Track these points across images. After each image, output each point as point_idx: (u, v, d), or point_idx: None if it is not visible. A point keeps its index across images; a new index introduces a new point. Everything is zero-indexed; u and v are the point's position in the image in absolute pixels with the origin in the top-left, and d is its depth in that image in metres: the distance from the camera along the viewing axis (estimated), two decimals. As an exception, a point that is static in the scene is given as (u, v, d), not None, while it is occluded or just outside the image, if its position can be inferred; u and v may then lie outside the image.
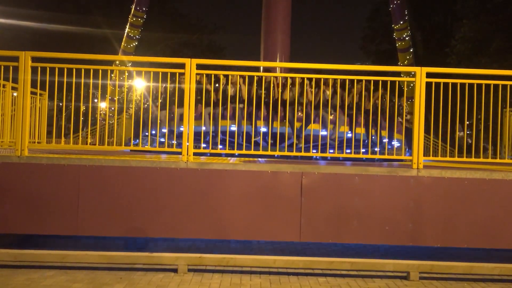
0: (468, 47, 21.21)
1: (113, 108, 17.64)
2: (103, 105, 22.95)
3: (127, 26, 22.87)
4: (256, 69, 9.26)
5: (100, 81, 5.16)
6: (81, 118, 5.39)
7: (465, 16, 22.40)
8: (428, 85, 5.00)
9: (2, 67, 5.06)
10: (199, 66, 5.01)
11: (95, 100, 23.61)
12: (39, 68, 5.00)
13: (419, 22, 26.18)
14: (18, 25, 23.99)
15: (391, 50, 26.79)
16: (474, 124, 5.25)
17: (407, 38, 22.31)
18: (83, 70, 5.00)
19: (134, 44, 23.14)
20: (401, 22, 22.12)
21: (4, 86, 6.86)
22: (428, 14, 26.83)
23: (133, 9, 22.52)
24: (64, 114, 5.07)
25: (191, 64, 4.91)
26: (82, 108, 5.38)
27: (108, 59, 5.34)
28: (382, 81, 5.31)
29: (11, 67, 5.00)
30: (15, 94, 6.78)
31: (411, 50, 22.67)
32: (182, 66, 4.95)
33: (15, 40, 24.01)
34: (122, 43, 23.13)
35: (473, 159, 5.25)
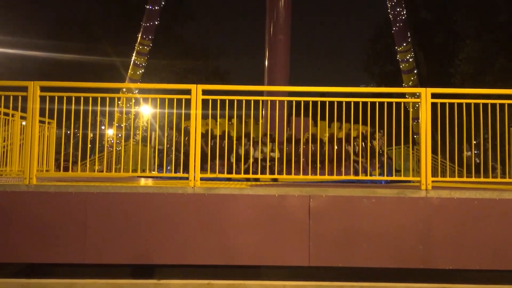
0: (472, 66, 21.30)
1: (120, 135, 17.78)
2: (110, 132, 23.16)
3: (134, 54, 23.26)
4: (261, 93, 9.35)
5: (107, 108, 5.23)
6: (89, 146, 5.44)
7: (467, 36, 22.58)
8: (434, 105, 5.01)
9: (11, 97, 5.15)
10: (205, 92, 5.07)
11: (103, 127, 23.83)
12: (47, 98, 5.07)
13: (422, 43, 26.39)
14: (25, 55, 24.47)
15: (395, 71, 26.94)
16: (482, 143, 5.22)
17: (410, 60, 22.45)
18: (90, 98, 5.08)
19: (140, 71, 23.48)
20: (404, 44, 22.30)
21: (13, 115, 6.97)
22: (430, 35, 27.06)
23: (139, 37, 22.95)
24: (72, 142, 5.14)
25: (197, 90, 4.97)
26: (90, 135, 5.43)
27: (115, 87, 5.42)
28: (387, 102, 5.33)
29: (20, 97, 5.08)
30: (23, 123, 6.88)
31: (415, 71, 22.78)
32: (188, 92, 5.01)
33: (22, 69, 24.47)
34: (129, 71, 23.48)
35: (482, 179, 5.21)
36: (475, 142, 5.46)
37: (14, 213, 4.74)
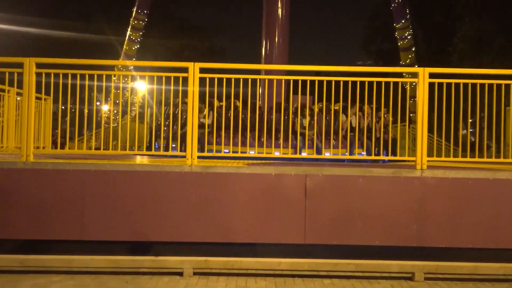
0: (470, 45, 21.20)
1: (116, 111, 17.68)
2: (105, 107, 23.03)
3: (129, 29, 22.95)
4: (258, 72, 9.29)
5: (104, 84, 5.19)
6: (85, 122, 5.43)
7: (466, 15, 22.38)
8: (431, 84, 5.00)
9: (7, 73, 5.10)
10: (202, 70, 5.04)
11: (98, 103, 23.68)
12: (43, 74, 5.03)
13: (421, 21, 26.15)
14: (19, 31, 24.11)
15: (392, 49, 26.75)
16: (478, 122, 5.25)
17: (408, 37, 22.28)
18: (87, 75, 5.04)
19: (136, 47, 23.21)
20: (403, 21, 22.09)
21: (8, 91, 6.90)
22: (429, 13, 26.80)
23: (134, 11, 22.61)
24: (68, 118, 5.09)
25: (194, 68, 4.93)
26: (86, 111, 5.41)
27: (112, 64, 5.37)
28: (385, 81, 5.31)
29: (15, 73, 5.02)
30: (18, 98, 6.82)
31: (413, 49, 22.64)
32: (185, 70, 4.97)
33: (16, 46, 24.12)
34: (124, 46, 23.20)
35: (476, 159, 5.25)
36: (471, 120, 5.48)
37: (12, 190, 4.76)
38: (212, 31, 36.64)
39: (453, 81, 5.04)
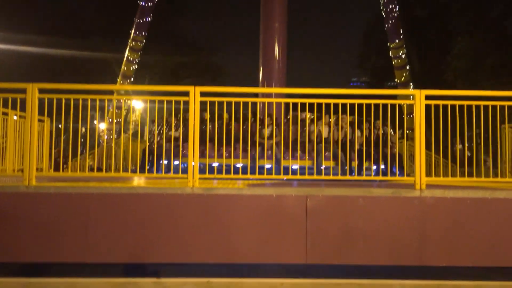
0: (464, 63, 21.49)
1: (115, 130, 17.67)
2: (102, 126, 23.09)
3: (127, 50, 23.18)
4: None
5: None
6: (81, 141, 5.49)
7: (459, 33, 22.75)
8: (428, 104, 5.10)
9: (10, 98, 5.18)
10: (203, 94, 5.13)
11: (95, 122, 23.77)
12: (46, 99, 5.10)
13: (415, 40, 26.55)
14: (17, 50, 24.26)
15: (387, 66, 27.08)
16: (474, 139, 5.35)
17: (403, 56, 22.60)
18: (89, 100, 5.12)
19: (133, 67, 23.42)
20: (397, 41, 22.46)
21: (8, 114, 6.95)
22: (423, 32, 27.23)
23: (132, 33, 22.87)
24: (71, 139, 5.15)
25: (195, 91, 5.02)
26: (85, 131, 5.48)
27: (113, 89, 5.46)
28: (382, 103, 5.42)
29: (18, 99, 5.10)
30: (15, 117, 6.87)
31: (408, 68, 22.95)
32: (186, 93, 5.06)
33: (14, 64, 24.26)
34: (122, 67, 23.40)
35: (475, 179, 5.33)
36: (468, 134, 5.58)
37: (15, 213, 4.78)
38: (210, 49, 36.83)
39: (449, 102, 5.15)
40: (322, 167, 6.53)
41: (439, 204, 4.89)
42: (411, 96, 5.19)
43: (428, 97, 5.11)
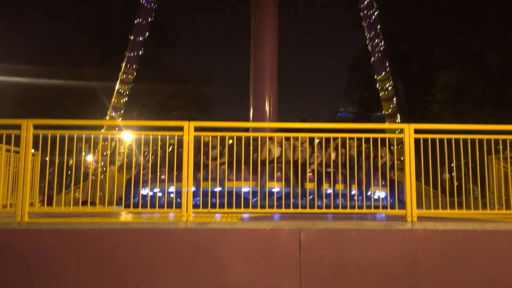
0: (448, 95, 22.02)
1: (103, 163, 17.62)
2: (89, 158, 22.97)
3: (117, 83, 23.36)
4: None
5: (100, 145, 5.29)
6: (68, 173, 5.50)
7: (443, 65, 23.41)
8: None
9: (4, 136, 5.20)
10: (197, 128, 5.21)
11: (85, 155, 23.62)
12: (40, 134, 5.14)
13: (400, 72, 27.23)
14: (7, 81, 24.28)
15: (374, 97, 27.60)
16: (462, 168, 5.45)
17: (389, 88, 23.13)
18: (84, 136, 5.20)
19: (124, 99, 23.55)
20: (383, 73, 23.03)
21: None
22: (408, 64, 27.95)
23: (123, 67, 23.12)
24: (65, 172, 5.18)
25: (189, 126, 5.10)
26: (70, 162, 5.49)
27: (107, 124, 5.53)
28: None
29: (13, 135, 5.12)
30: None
31: (394, 99, 23.43)
32: (180, 128, 5.14)
33: (5, 94, 24.23)
34: (113, 99, 23.51)
35: (464, 211, 5.43)
36: (456, 163, 5.69)
37: (6, 250, 4.72)
38: (199, 79, 37.19)
39: (437, 136, 5.29)
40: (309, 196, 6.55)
41: (430, 236, 4.96)
42: (397, 130, 5.33)
43: (416, 131, 5.26)
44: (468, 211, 5.49)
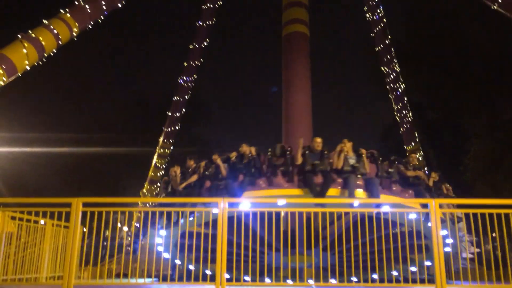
0: (480, 164, 21.63)
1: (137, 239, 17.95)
2: (125, 228, 23.30)
3: (155, 157, 24.26)
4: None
5: (140, 223, 5.66)
6: (104, 244, 5.79)
7: (474, 134, 23.19)
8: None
9: (56, 212, 5.67)
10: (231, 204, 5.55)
11: (119, 225, 24.06)
12: (88, 212, 5.58)
13: (431, 142, 27.08)
14: (52, 151, 24.98)
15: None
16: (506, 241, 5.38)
17: (420, 158, 22.99)
18: (127, 212, 5.60)
19: (160, 173, 24.33)
20: (413, 144, 23.07)
21: (45, 223, 7.33)
22: (438, 134, 27.81)
23: (160, 141, 24.16)
24: (108, 246, 5.51)
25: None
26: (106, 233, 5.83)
27: (145, 201, 5.97)
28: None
29: (64, 213, 5.58)
30: (42, 222, 7.17)
31: (426, 169, 23.16)
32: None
33: (50, 167, 24.90)
34: (150, 172, 24.30)
35: (495, 285, 5.35)
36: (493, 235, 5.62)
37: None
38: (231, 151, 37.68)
39: (463, 211, 5.40)
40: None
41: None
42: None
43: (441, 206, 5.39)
44: (498, 285, 5.37)
